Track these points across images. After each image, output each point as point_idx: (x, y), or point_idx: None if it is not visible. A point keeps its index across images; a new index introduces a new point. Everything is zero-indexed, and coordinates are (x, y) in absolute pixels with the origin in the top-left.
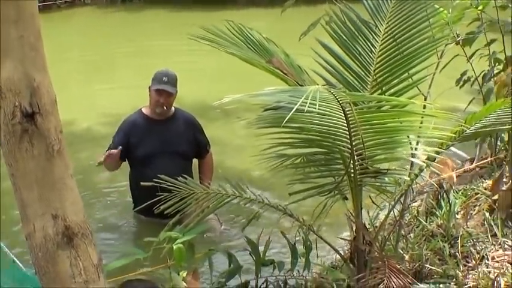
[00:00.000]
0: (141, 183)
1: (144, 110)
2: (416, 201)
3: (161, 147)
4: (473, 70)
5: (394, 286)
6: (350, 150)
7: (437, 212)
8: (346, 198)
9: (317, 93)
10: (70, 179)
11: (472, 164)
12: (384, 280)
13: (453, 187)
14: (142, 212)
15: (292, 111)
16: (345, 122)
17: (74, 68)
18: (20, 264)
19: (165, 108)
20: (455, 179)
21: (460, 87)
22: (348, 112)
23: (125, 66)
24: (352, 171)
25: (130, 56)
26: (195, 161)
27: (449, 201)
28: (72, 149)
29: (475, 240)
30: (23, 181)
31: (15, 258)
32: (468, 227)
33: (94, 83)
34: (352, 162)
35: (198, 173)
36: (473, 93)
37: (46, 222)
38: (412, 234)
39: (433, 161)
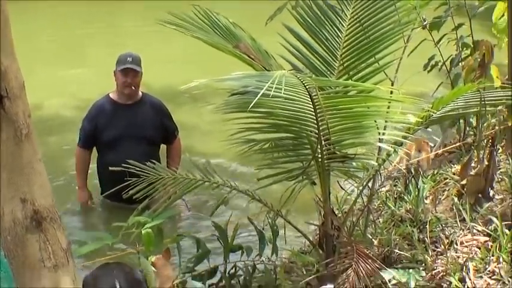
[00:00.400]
0: (110, 167)
1: (111, 95)
2: (385, 186)
3: (127, 132)
4: (441, 55)
5: (362, 271)
6: (317, 135)
7: (405, 197)
8: (315, 183)
9: (283, 78)
10: (38, 163)
11: (440, 148)
12: (352, 265)
13: (422, 172)
14: (110, 197)
15: (258, 96)
16: (312, 106)
17: (42, 51)
18: None
19: (132, 88)
20: (430, 162)
21: (428, 72)
22: (314, 97)
23: (93, 50)
24: (320, 156)
25: (100, 41)
26: (163, 146)
27: (417, 186)
28: (41, 133)
29: (443, 225)
30: None
31: None
32: (437, 212)
33: (62, 66)
34: (319, 147)
35: (166, 158)
36: (441, 78)
37: (15, 206)
38: (380, 219)
39: (400, 145)
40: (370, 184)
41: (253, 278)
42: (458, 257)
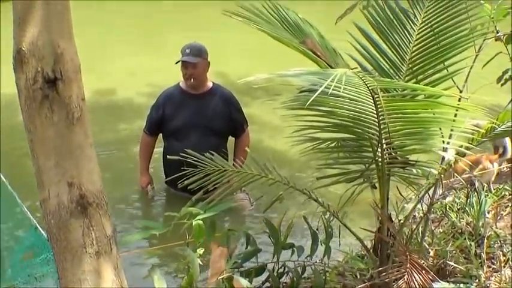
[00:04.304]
0: (168, 156)
1: (181, 84)
2: (448, 197)
3: (194, 122)
4: None
5: (415, 282)
6: (378, 138)
7: (467, 209)
8: (375, 187)
9: (344, 77)
10: (89, 148)
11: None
12: (405, 276)
13: (485, 186)
14: (172, 185)
15: (316, 94)
16: (374, 108)
17: (120, 38)
18: (42, 231)
19: (192, 80)
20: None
21: (502, 86)
22: (376, 98)
23: (171, 37)
24: (380, 159)
25: (177, 28)
26: (231, 139)
27: (479, 199)
28: (112, 118)
29: (502, 241)
30: (41, 147)
31: (37, 225)
32: (497, 228)
33: (139, 54)
34: (380, 150)
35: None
36: None
37: (61, 189)
38: (439, 230)
39: (463, 156)
40: (430, 193)
41: (301, 279)
42: None
